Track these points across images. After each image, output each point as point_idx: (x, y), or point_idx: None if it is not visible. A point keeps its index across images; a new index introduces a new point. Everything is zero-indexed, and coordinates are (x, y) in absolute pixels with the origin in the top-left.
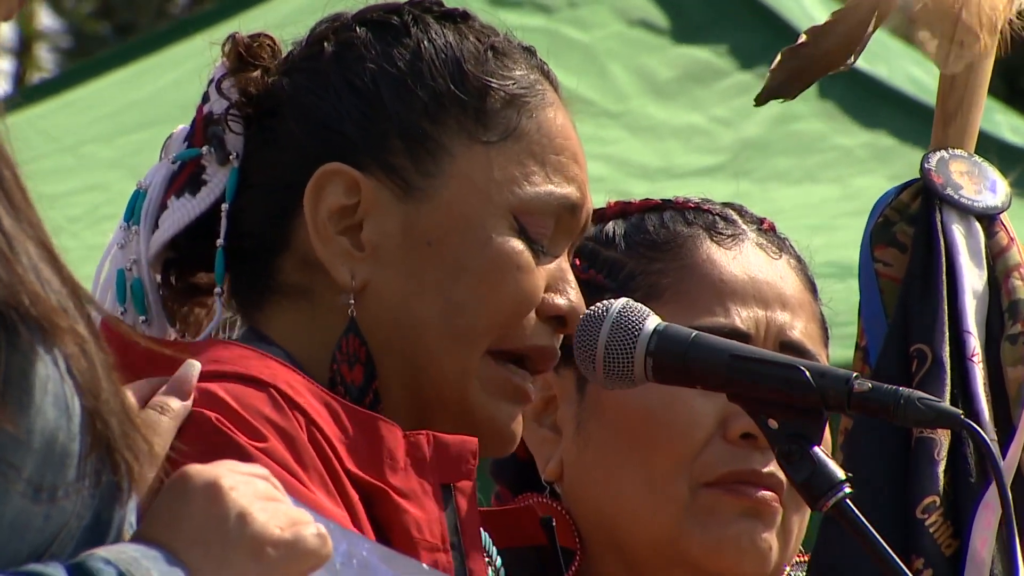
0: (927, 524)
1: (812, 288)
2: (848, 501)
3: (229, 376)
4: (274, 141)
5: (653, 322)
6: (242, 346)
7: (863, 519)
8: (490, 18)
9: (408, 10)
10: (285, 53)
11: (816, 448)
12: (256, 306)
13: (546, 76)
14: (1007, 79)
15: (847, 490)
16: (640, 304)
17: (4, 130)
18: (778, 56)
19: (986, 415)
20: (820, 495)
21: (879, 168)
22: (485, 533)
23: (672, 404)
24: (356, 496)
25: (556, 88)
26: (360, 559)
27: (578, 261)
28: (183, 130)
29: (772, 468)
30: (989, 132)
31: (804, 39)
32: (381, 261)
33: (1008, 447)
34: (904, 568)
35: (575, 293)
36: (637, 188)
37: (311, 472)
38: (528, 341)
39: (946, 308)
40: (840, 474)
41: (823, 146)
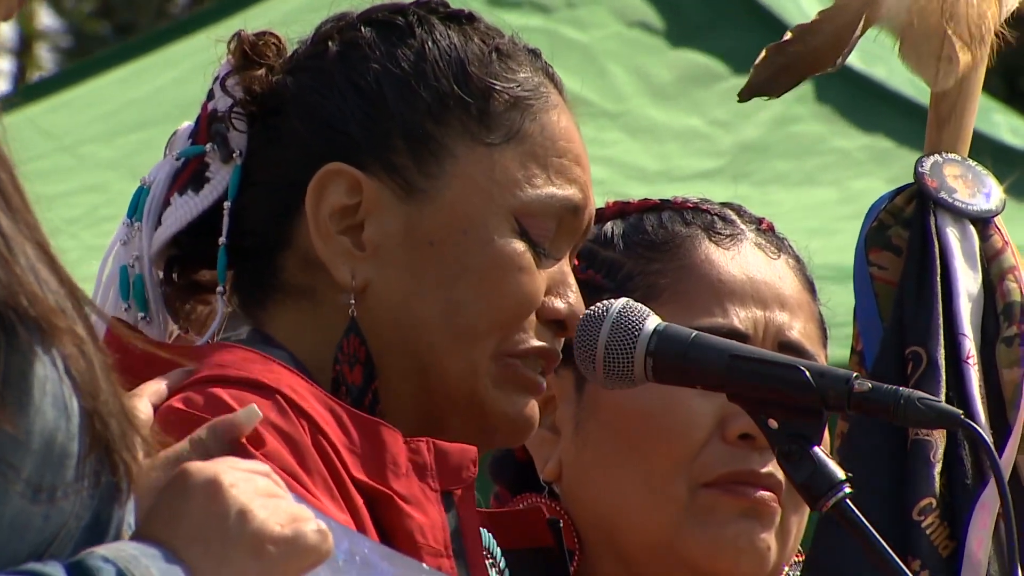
0: (923, 526)
1: (811, 288)
2: (848, 501)
3: (233, 381)
4: (278, 139)
5: (653, 322)
6: (246, 349)
7: (863, 519)
8: (488, 18)
9: (413, 11)
10: (290, 51)
11: (816, 448)
12: (259, 305)
13: (551, 78)
14: (1007, 79)
15: (847, 490)
16: (640, 304)
17: (1, 130)
18: (763, 53)
19: (982, 417)
20: (820, 495)
21: (878, 171)
22: (490, 535)
23: (670, 405)
24: (360, 501)
25: (561, 90)
26: (362, 556)
27: (576, 261)
28: (188, 127)
29: (771, 468)
30: (988, 134)
31: (790, 36)
32: (382, 261)
33: (1003, 448)
34: (904, 569)
35: (575, 297)
36: (636, 191)
37: (315, 477)
38: (529, 343)
39: (941, 311)
40: (840, 474)
41: (822, 148)
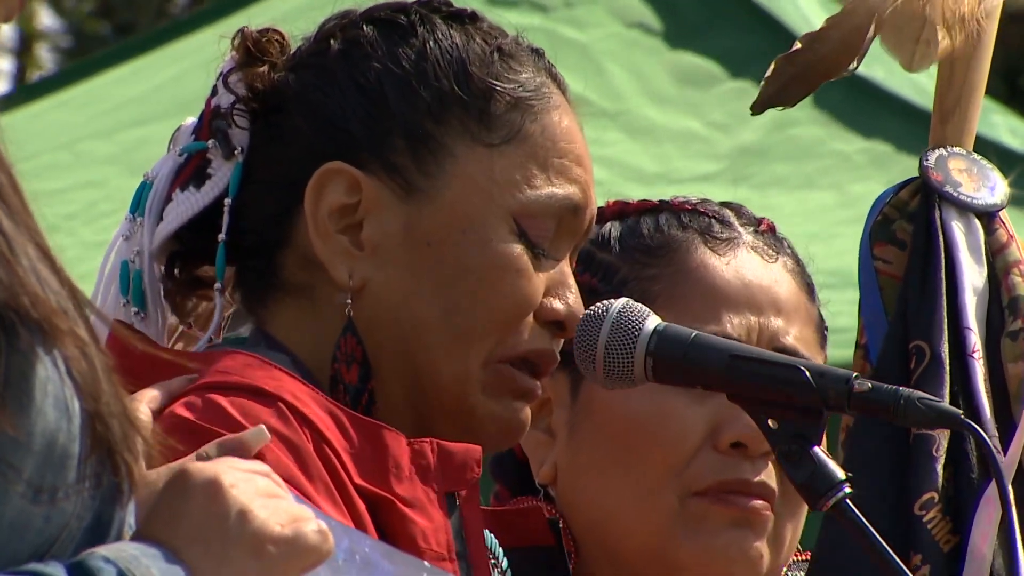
0: (925, 520)
1: (809, 290)
2: (848, 501)
3: (234, 388)
4: (279, 137)
5: (653, 322)
6: (247, 354)
7: (863, 519)
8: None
9: (416, 9)
10: (294, 49)
11: (816, 448)
12: (261, 303)
13: (554, 78)
14: (1007, 79)
15: (847, 490)
16: (640, 304)
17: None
18: (772, 65)
19: (987, 412)
20: (820, 495)
21: (877, 174)
22: (492, 536)
23: (662, 413)
24: (363, 507)
25: (564, 91)
26: (362, 555)
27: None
28: (192, 122)
29: (763, 477)
30: (986, 135)
31: (799, 46)
32: (380, 261)
33: (1009, 444)
34: (904, 569)
35: (574, 298)
36: (635, 193)
37: (317, 483)
38: (527, 345)
39: (945, 305)
40: (840, 474)
41: (821, 152)
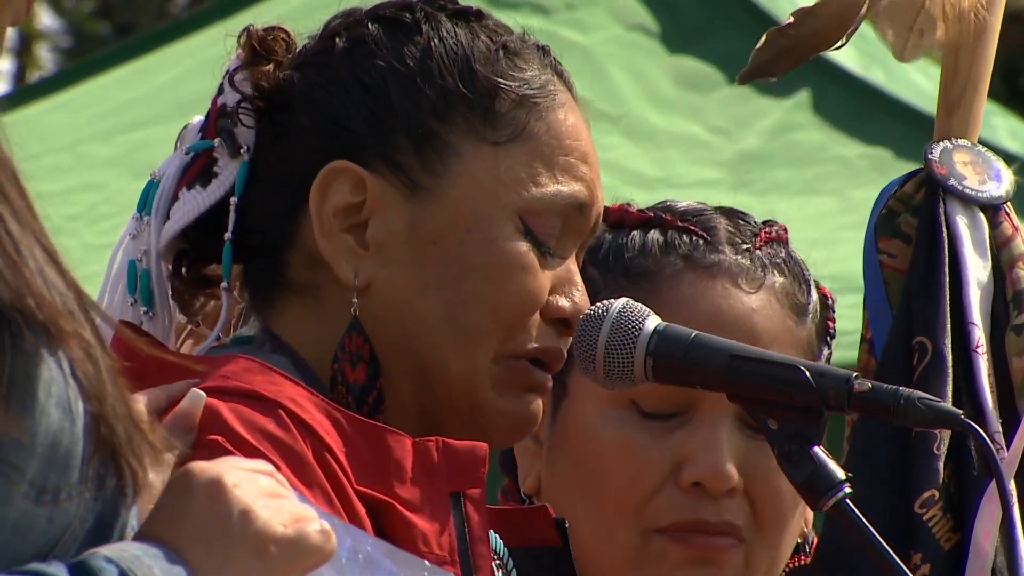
0: (926, 518)
1: (798, 311)
2: (848, 501)
3: (234, 393)
4: (285, 136)
5: (653, 322)
6: (248, 358)
7: (863, 519)
8: None
9: (421, 7)
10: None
11: (816, 448)
12: (267, 302)
13: (559, 76)
14: (1007, 80)
15: (847, 490)
16: (640, 304)
17: (3, 132)
18: (764, 37)
19: (990, 408)
20: (820, 495)
21: (878, 179)
22: (496, 535)
23: (626, 448)
24: (363, 512)
25: (570, 88)
26: (365, 554)
27: None
28: (199, 121)
29: (726, 516)
30: (986, 139)
31: (791, 20)
32: (386, 259)
33: (1012, 438)
34: (904, 568)
35: (580, 295)
36: (636, 198)
37: (315, 490)
38: (533, 343)
39: (948, 300)
40: (840, 474)
41: (822, 157)
